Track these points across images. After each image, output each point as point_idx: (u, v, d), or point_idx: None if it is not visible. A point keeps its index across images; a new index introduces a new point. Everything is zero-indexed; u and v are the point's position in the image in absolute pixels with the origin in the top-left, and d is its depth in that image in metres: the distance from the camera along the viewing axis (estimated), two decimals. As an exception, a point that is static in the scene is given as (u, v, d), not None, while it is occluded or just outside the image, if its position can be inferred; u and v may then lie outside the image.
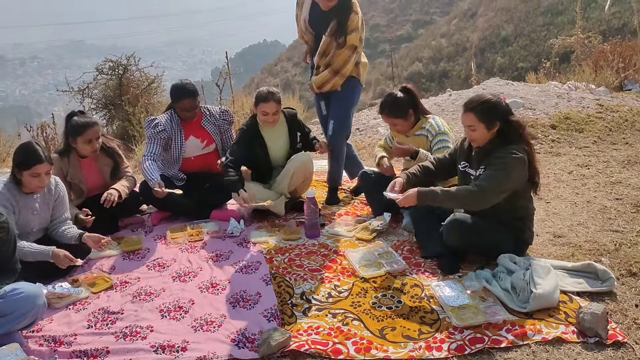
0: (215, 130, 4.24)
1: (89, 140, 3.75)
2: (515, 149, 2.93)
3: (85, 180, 3.88)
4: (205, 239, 3.79)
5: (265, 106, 3.89)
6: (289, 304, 2.89)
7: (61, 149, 3.87)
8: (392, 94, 3.77)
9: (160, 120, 4.10)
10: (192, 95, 4.05)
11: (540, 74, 9.31)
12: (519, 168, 2.93)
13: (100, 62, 7.13)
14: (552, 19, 44.51)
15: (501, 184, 2.92)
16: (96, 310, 2.92)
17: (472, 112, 3.01)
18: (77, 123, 3.75)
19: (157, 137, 4.07)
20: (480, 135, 3.03)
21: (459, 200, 2.99)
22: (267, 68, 71.22)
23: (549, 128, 5.91)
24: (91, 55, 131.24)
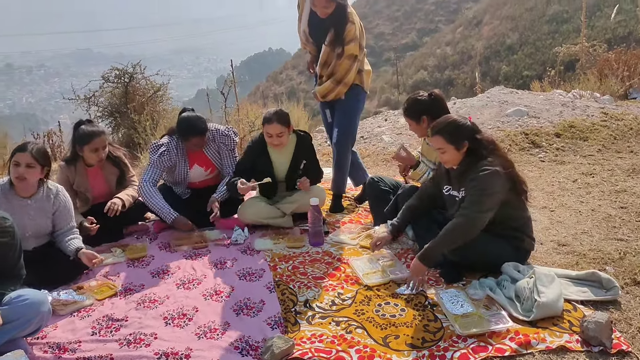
0: (217, 157, 4.20)
1: (95, 149, 3.78)
2: (485, 164, 2.96)
3: (91, 189, 3.90)
4: (209, 247, 3.80)
5: (268, 127, 3.85)
6: (292, 312, 2.89)
7: (68, 157, 3.89)
8: (416, 94, 3.73)
9: (168, 149, 4.01)
10: (201, 134, 3.98)
11: (545, 82, 9.31)
12: (495, 182, 2.93)
13: (106, 70, 7.19)
14: (557, 27, 44.51)
15: (483, 205, 2.93)
16: (100, 317, 2.92)
17: (439, 135, 3.06)
18: (84, 132, 3.77)
19: (161, 165, 4.02)
20: (451, 156, 3.07)
21: (453, 237, 2.97)
22: (272, 76, 71.44)
23: (553, 136, 5.91)
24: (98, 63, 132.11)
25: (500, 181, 2.94)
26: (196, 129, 3.96)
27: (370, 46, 76.58)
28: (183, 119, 4.01)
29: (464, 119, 3.11)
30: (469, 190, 3.00)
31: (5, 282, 2.61)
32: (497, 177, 2.93)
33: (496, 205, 2.96)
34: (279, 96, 52.25)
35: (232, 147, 4.22)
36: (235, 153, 4.27)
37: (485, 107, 6.98)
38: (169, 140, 4.06)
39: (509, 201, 3.03)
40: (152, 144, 4.13)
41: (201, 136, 3.99)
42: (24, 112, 75.33)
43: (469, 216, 2.93)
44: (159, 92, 7.12)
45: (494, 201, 2.94)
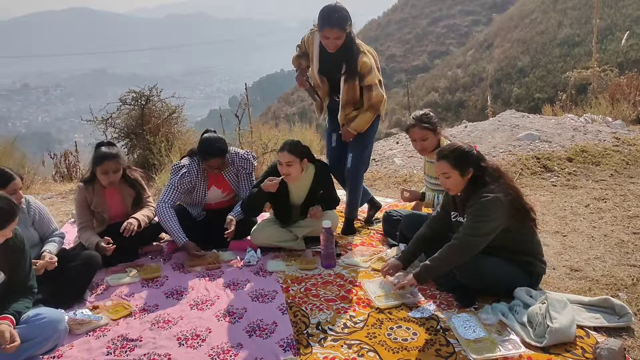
0: (235, 180, 4.27)
1: (105, 172, 3.84)
2: (486, 191, 2.99)
3: (108, 209, 3.97)
4: (222, 268, 3.84)
5: (280, 155, 3.90)
6: (304, 334, 2.91)
7: (87, 178, 3.98)
8: (422, 111, 3.92)
9: (189, 170, 4.08)
10: (221, 155, 4.04)
11: (557, 106, 9.34)
12: (494, 209, 2.96)
13: (123, 93, 7.33)
14: (568, 51, 44.60)
15: (477, 230, 2.97)
16: (115, 337, 2.96)
17: (444, 160, 3.12)
18: (98, 154, 3.87)
19: (181, 187, 4.08)
20: (455, 182, 3.12)
21: (448, 259, 3.03)
22: (284, 97, 71.95)
23: (565, 161, 5.91)
24: (113, 84, 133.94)
25: (500, 209, 2.97)
26: (217, 150, 4.02)
27: (381, 68, 76.76)
28: (204, 140, 4.07)
29: (470, 146, 3.17)
30: (468, 215, 3.06)
31: (20, 296, 2.67)
32: (496, 204, 2.97)
33: (493, 231, 2.99)
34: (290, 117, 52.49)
35: (250, 171, 4.28)
36: (252, 177, 4.34)
37: (496, 130, 7.01)
38: (190, 162, 4.13)
39: (514, 227, 3.05)
40: (174, 166, 4.19)
41: (221, 157, 4.05)
42: (39, 131, 76.46)
43: (462, 239, 3.00)
44: (174, 114, 7.24)
45: (490, 227, 2.98)
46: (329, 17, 3.76)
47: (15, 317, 2.56)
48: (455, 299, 3.19)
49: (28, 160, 7.46)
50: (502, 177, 3.10)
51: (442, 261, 3.04)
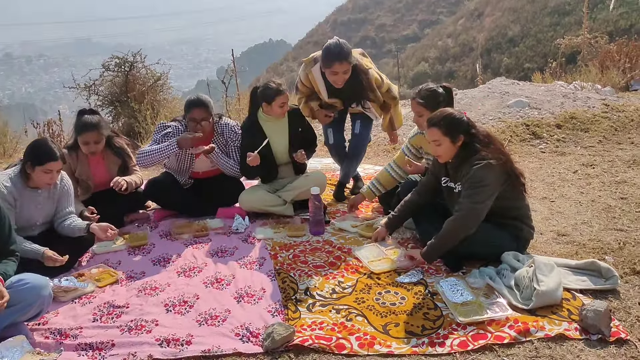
0: (224, 150, 4.18)
1: (86, 142, 3.77)
2: (477, 158, 2.98)
3: (92, 177, 3.91)
4: (210, 235, 3.81)
5: (282, 98, 3.91)
6: (293, 300, 2.90)
7: (70, 144, 3.90)
8: (431, 85, 3.69)
9: (174, 132, 4.00)
10: (204, 106, 3.96)
11: (547, 73, 9.29)
12: (488, 174, 2.95)
13: (107, 59, 7.15)
14: (559, 20, 44.36)
15: (478, 197, 2.95)
16: (102, 304, 2.94)
17: (435, 127, 3.07)
18: (79, 122, 3.78)
19: None
20: (446, 149, 3.08)
21: (454, 233, 3.01)
22: (273, 67, 71.24)
23: (554, 127, 5.91)
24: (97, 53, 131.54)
25: (493, 173, 2.96)
26: (199, 100, 3.97)
27: (371, 37, 76.42)
28: (189, 97, 4.06)
29: (460, 113, 3.13)
30: (464, 184, 3.03)
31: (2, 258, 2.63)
32: (489, 169, 2.95)
33: (491, 196, 2.98)
34: (279, 87, 51.61)
35: (238, 143, 4.21)
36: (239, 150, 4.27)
37: (486, 98, 6.98)
38: (177, 124, 4.07)
39: (505, 192, 3.04)
40: (159, 124, 4.13)
41: (204, 109, 3.96)
42: (23, 101, 75.12)
43: (466, 210, 2.97)
44: (159, 82, 7.09)
45: (488, 193, 2.96)
46: (338, 53, 3.86)
47: (2, 276, 2.53)
48: (443, 263, 3.19)
49: (10, 129, 7.30)
50: (493, 142, 3.08)
51: (449, 236, 3.02)
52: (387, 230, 3.54)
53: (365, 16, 76.53)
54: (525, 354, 2.36)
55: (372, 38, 72.08)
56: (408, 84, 51.61)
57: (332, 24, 76.84)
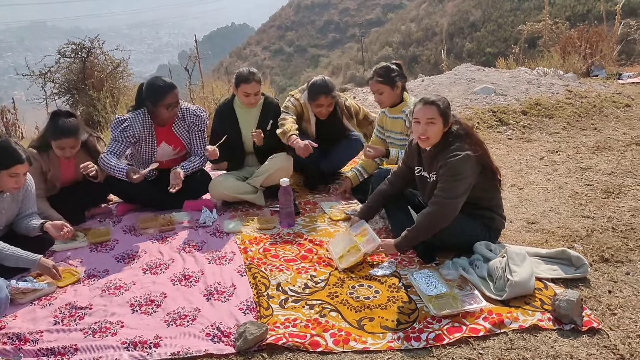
0: (186, 136, 4.04)
1: (62, 147, 3.58)
2: (455, 149, 2.95)
3: (61, 177, 3.73)
4: (176, 229, 3.69)
5: (247, 87, 3.90)
6: (264, 296, 2.83)
7: (40, 144, 3.66)
8: (384, 63, 3.92)
9: (132, 124, 3.84)
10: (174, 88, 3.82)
11: (510, 59, 9.38)
12: (466, 167, 2.93)
13: (62, 45, 6.82)
14: (519, 5, 45.05)
15: (456, 190, 2.93)
16: (63, 306, 2.80)
17: (434, 106, 3.00)
18: (55, 127, 3.56)
19: (124, 141, 3.84)
20: (436, 131, 3.02)
21: (429, 226, 2.98)
22: (236, 52, 70.23)
23: (520, 114, 5.96)
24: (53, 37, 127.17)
25: (470, 165, 2.94)
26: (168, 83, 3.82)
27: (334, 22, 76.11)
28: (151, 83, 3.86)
29: None
30: (440, 176, 2.98)
31: None
32: (467, 161, 2.92)
33: (467, 189, 2.96)
34: (243, 72, 50.52)
35: (202, 127, 4.08)
36: (204, 134, 4.14)
37: (453, 84, 6.98)
38: (134, 115, 3.89)
39: (479, 183, 3.02)
40: (115, 119, 3.95)
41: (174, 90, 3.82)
42: (-25, 88, 72.22)
43: (442, 203, 2.93)
44: (119, 68, 6.82)
45: (465, 186, 2.94)
46: (325, 87, 4.10)
47: None
48: (416, 255, 3.16)
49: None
50: (471, 134, 3.05)
51: (424, 230, 2.98)
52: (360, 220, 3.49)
53: (329, 0, 76.05)
54: (500, 345, 2.36)
55: (335, 22, 71.75)
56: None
57: (295, 8, 76.06)
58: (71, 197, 3.76)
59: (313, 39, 69.67)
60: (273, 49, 68.15)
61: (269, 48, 68.71)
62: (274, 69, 61.38)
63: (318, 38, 70.16)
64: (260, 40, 70.64)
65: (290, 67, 63.94)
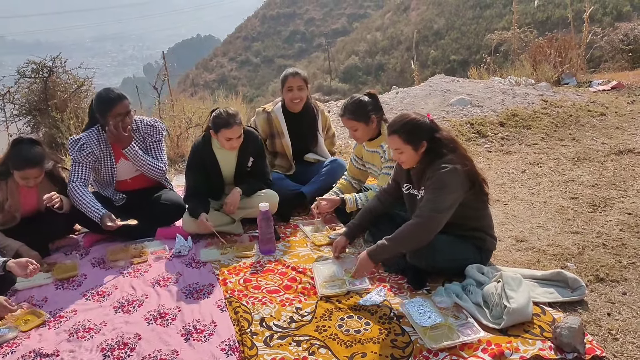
0: (142, 147, 3.84)
1: (25, 178, 3.34)
2: (443, 162, 2.82)
3: (21, 207, 3.46)
4: (149, 261, 3.45)
5: (228, 132, 3.55)
6: (248, 333, 2.62)
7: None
8: (356, 96, 3.63)
9: (87, 141, 3.65)
10: (125, 98, 3.64)
11: (482, 69, 9.40)
12: (453, 180, 2.79)
13: (22, 65, 6.50)
14: (480, 13, 46.01)
15: (441, 204, 2.78)
16: (26, 353, 2.55)
17: (396, 135, 2.88)
18: (17, 156, 3.32)
19: (85, 161, 3.64)
20: (408, 157, 2.91)
21: (409, 238, 2.82)
22: (202, 63, 69.76)
23: (497, 125, 5.90)
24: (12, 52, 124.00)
25: (459, 179, 2.80)
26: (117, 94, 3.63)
27: (300, 32, 76.29)
28: (99, 96, 3.67)
29: (422, 117, 2.94)
30: (427, 190, 2.85)
31: None
32: (455, 175, 2.78)
33: (454, 204, 2.82)
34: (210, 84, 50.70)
35: (159, 138, 3.89)
36: (162, 145, 3.94)
37: (428, 96, 6.91)
38: (88, 133, 3.69)
39: (468, 201, 2.89)
40: (69, 141, 3.73)
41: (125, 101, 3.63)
42: None
43: (425, 216, 2.78)
44: (83, 87, 6.53)
45: (451, 200, 2.80)
46: (293, 71, 4.17)
47: None
48: (406, 281, 3.01)
49: None
50: (458, 148, 2.92)
51: (403, 241, 2.82)
52: (347, 240, 3.33)
53: (294, 10, 76.27)
54: (503, 380, 2.22)
55: (302, 32, 72.01)
56: (340, 78, 51.99)
57: (261, 19, 76.00)
58: (33, 228, 3.49)
59: (279, 49, 69.74)
60: (239, 60, 67.91)
61: (235, 59, 68.45)
62: (241, 80, 61.13)
63: (284, 48, 70.26)
64: (227, 52, 70.32)
65: (257, 78, 63.77)
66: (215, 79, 60.34)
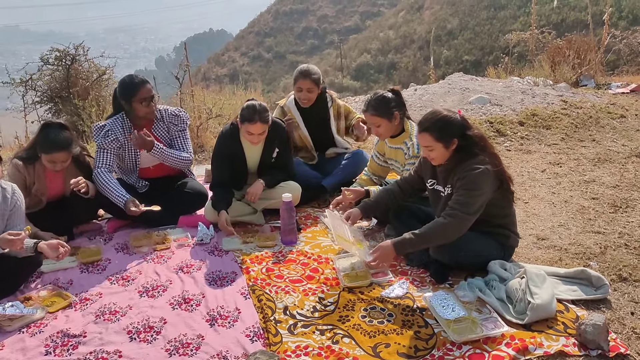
0: (167, 137, 3.87)
1: (52, 161, 3.38)
2: (475, 162, 2.81)
3: (47, 191, 3.51)
4: (172, 247, 3.49)
5: (250, 127, 3.55)
6: (272, 321, 2.65)
7: (26, 156, 3.44)
8: (379, 92, 3.60)
9: (112, 128, 3.68)
10: (147, 83, 3.69)
11: (499, 69, 9.37)
12: (485, 181, 2.80)
13: (45, 52, 6.55)
14: (494, 14, 45.69)
15: (472, 206, 2.79)
16: (54, 334, 2.60)
17: (427, 133, 2.87)
18: (46, 140, 3.36)
19: (110, 147, 3.68)
20: (439, 154, 2.90)
21: (437, 236, 2.82)
22: (214, 58, 69.77)
23: (517, 125, 5.88)
24: (26, 41, 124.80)
25: (490, 180, 2.81)
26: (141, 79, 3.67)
27: (313, 28, 76.19)
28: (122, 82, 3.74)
29: (454, 113, 2.93)
30: (458, 189, 2.84)
31: None
32: (487, 176, 2.79)
33: (483, 205, 2.83)
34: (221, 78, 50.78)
35: (183, 127, 3.92)
36: (186, 134, 3.97)
37: (447, 94, 6.90)
38: (113, 120, 3.74)
39: (495, 199, 2.90)
40: (94, 127, 3.78)
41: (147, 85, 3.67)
42: (-55, 92, 70.20)
43: (457, 217, 2.78)
44: (104, 76, 6.58)
45: (481, 202, 2.81)
46: (305, 70, 4.11)
47: None
48: (428, 275, 3.03)
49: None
50: (487, 146, 2.92)
51: (431, 238, 2.82)
52: (361, 214, 3.31)
53: (307, 7, 76.13)
54: (527, 374, 2.23)
55: (314, 29, 71.87)
56: (351, 75, 51.91)
57: (274, 14, 75.95)
58: (58, 213, 3.54)
59: (292, 45, 69.64)
60: (251, 55, 67.89)
61: (247, 54, 68.43)
62: (252, 75, 61.10)
63: (297, 44, 70.16)
64: (239, 47, 70.30)
65: (268, 73, 63.74)
66: (226, 73, 60.36)
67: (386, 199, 3.32)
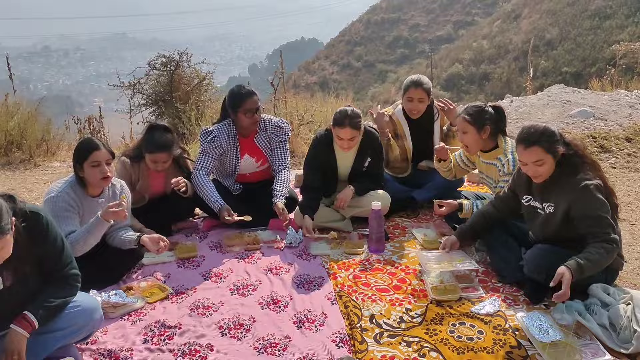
0: (268, 147, 3.99)
1: (155, 161, 3.61)
2: (584, 178, 2.67)
3: (150, 189, 3.74)
4: (261, 249, 3.59)
5: (340, 131, 3.60)
6: (358, 328, 2.65)
7: (134, 154, 3.70)
8: (480, 103, 3.51)
9: (218, 135, 3.84)
10: (254, 94, 3.81)
11: (605, 81, 8.83)
12: (601, 194, 2.66)
13: (152, 58, 7.01)
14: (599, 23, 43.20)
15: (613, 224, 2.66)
16: (152, 323, 2.75)
17: (537, 146, 2.73)
18: (151, 140, 3.60)
19: (213, 152, 3.84)
20: (548, 168, 2.77)
21: (604, 263, 2.65)
22: (305, 66, 71.09)
23: (623, 141, 5.51)
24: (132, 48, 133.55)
25: (603, 195, 2.66)
26: (248, 91, 3.79)
27: (404, 37, 75.69)
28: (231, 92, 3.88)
29: (551, 125, 2.81)
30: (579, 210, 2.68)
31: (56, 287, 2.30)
32: (601, 189, 2.67)
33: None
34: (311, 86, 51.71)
35: (284, 139, 4.02)
36: (286, 146, 4.06)
37: (546, 106, 6.60)
38: (220, 127, 3.89)
39: None
40: (202, 131, 3.96)
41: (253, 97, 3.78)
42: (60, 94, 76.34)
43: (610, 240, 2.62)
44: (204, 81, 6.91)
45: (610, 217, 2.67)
46: (417, 80, 4.01)
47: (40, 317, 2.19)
48: (522, 294, 2.90)
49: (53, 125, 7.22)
50: (586, 157, 2.77)
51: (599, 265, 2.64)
52: (458, 240, 3.26)
53: (399, 16, 75.76)
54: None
55: (405, 38, 71.34)
56: (441, 86, 50.98)
57: (365, 23, 76.23)
58: (159, 209, 3.75)
59: (381, 54, 69.54)
60: (341, 64, 68.51)
61: (337, 62, 69.13)
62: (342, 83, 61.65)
63: (387, 53, 69.97)
64: (329, 55, 71.19)
65: (357, 82, 64.00)
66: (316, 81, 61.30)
67: (482, 223, 3.24)
